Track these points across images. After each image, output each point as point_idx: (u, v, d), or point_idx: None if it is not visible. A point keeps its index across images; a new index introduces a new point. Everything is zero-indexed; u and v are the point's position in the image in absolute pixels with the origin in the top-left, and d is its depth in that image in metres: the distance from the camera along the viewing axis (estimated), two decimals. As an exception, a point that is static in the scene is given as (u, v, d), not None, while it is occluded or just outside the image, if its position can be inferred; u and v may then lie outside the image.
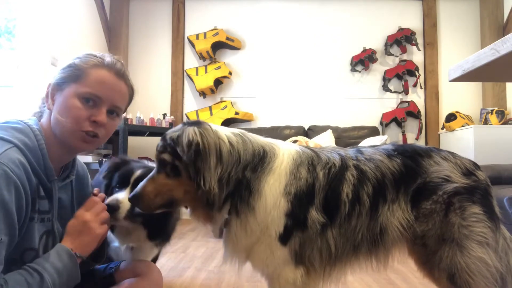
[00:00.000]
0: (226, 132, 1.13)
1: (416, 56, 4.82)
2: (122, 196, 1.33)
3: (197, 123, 1.10)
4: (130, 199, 1.12)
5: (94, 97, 1.04)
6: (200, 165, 1.04)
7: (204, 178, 1.04)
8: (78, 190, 1.21)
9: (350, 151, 1.26)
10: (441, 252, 1.13)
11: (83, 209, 1.11)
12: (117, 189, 1.39)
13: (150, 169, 1.40)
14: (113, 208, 1.31)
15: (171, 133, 1.11)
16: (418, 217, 1.17)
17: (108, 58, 1.09)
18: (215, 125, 1.14)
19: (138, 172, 1.45)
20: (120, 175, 1.45)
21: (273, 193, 1.11)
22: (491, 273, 1.10)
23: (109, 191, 1.45)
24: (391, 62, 4.85)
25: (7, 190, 0.87)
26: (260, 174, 1.11)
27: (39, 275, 0.92)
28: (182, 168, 1.06)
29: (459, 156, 1.24)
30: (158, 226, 1.52)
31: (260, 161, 1.12)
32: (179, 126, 1.13)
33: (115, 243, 1.56)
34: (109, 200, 1.33)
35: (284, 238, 1.13)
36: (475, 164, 1.23)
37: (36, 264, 0.95)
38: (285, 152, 1.19)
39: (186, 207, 1.20)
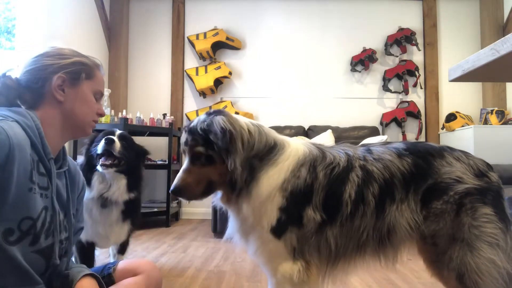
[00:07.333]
0: (245, 121, 1.23)
1: (416, 56, 4.82)
2: (115, 136, 1.90)
3: (220, 112, 1.20)
4: (172, 191, 1.19)
5: (100, 94, 1.22)
6: (231, 148, 1.13)
7: (234, 160, 1.13)
8: (71, 186, 1.22)
9: (359, 151, 1.26)
10: (451, 251, 1.13)
11: None
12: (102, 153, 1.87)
13: (122, 132, 2.04)
14: (111, 140, 1.84)
15: (200, 124, 1.18)
16: (428, 216, 1.17)
17: (97, 61, 1.25)
18: (234, 115, 1.24)
19: (118, 131, 2.00)
20: (103, 136, 1.86)
21: (270, 183, 1.16)
22: (500, 275, 1.09)
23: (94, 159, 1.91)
24: (391, 62, 4.85)
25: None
26: (264, 163, 1.18)
27: None
28: (216, 156, 1.16)
29: (472, 156, 1.22)
30: (136, 178, 2.00)
31: (268, 151, 1.19)
32: (203, 116, 1.21)
33: (90, 194, 1.94)
34: (106, 136, 1.84)
35: (277, 232, 1.15)
36: (488, 165, 1.22)
37: None
38: (293, 150, 1.22)
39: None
